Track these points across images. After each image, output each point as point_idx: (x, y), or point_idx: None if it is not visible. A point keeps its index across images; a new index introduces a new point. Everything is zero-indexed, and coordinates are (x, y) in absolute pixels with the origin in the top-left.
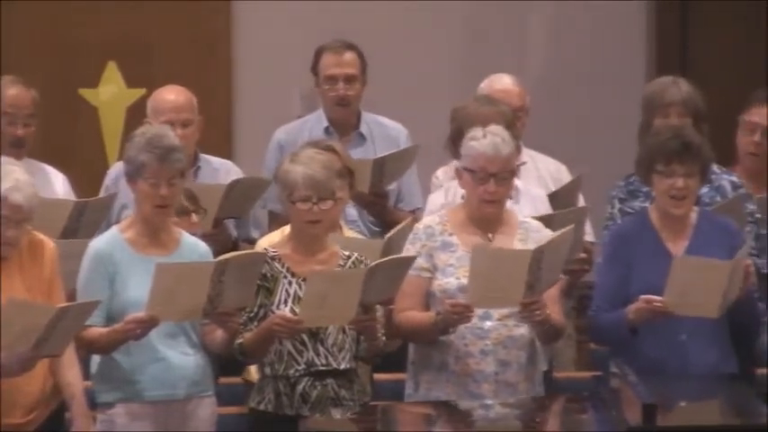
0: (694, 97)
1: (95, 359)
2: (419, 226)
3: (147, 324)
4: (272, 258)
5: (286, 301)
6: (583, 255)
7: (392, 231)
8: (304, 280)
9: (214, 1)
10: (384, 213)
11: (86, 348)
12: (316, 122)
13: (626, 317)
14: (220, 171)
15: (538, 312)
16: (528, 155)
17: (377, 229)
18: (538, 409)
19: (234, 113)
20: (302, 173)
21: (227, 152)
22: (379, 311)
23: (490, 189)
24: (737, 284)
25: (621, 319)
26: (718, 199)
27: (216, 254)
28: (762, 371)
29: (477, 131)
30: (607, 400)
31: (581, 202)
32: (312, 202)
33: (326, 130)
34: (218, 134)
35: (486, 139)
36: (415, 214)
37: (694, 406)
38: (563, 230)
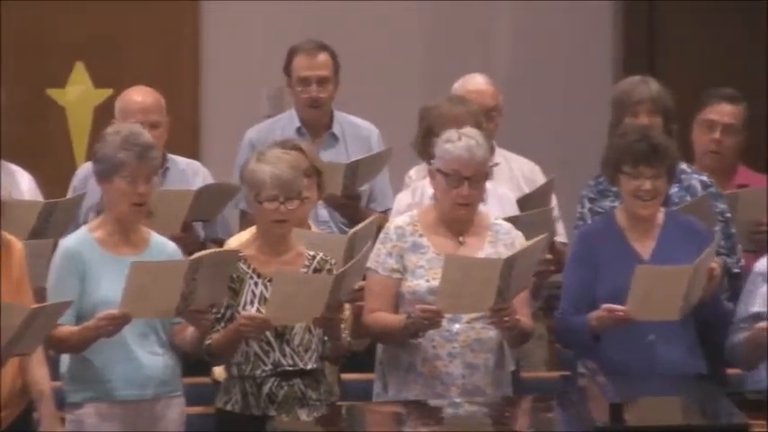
0: (663, 96)
1: (65, 359)
2: (390, 226)
3: (120, 321)
4: (239, 258)
5: (252, 302)
6: (549, 255)
7: (357, 227)
8: (270, 281)
9: (182, 1)
10: (356, 215)
11: (56, 347)
12: (288, 122)
13: (589, 323)
14: (188, 171)
15: (507, 318)
16: (501, 155)
17: (347, 229)
18: (506, 408)
19: (201, 113)
20: (269, 172)
21: (194, 152)
22: (347, 312)
23: (464, 192)
24: (700, 286)
25: (584, 325)
26: (688, 198)
27: (184, 255)
28: (731, 371)
29: (452, 134)
30: (574, 399)
31: (554, 205)
32: (279, 201)
33: (299, 130)
34: (185, 134)
35: (461, 142)
36: (386, 215)
37: (661, 406)
38: (537, 239)
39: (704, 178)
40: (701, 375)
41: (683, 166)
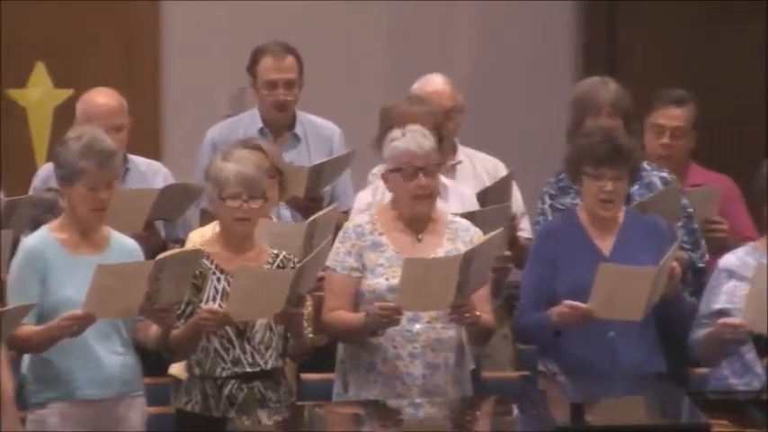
0: (623, 98)
1: (26, 359)
2: (349, 225)
3: (84, 321)
4: (202, 255)
5: (214, 298)
6: (507, 252)
7: (316, 215)
8: (233, 277)
9: (142, 1)
10: None
11: (18, 347)
12: (250, 122)
13: (550, 319)
14: (148, 172)
15: (467, 315)
16: (464, 153)
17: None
18: (466, 409)
19: (161, 114)
20: (234, 170)
21: (154, 153)
22: (308, 308)
23: (422, 183)
24: (662, 286)
25: (545, 320)
26: (649, 195)
27: (146, 254)
28: (693, 369)
29: (395, 132)
30: (535, 399)
31: (516, 198)
32: (242, 199)
33: (261, 130)
34: (145, 134)
35: (406, 137)
36: (348, 216)
37: (622, 405)
38: (493, 233)
39: (665, 174)
40: (660, 374)
41: (643, 163)
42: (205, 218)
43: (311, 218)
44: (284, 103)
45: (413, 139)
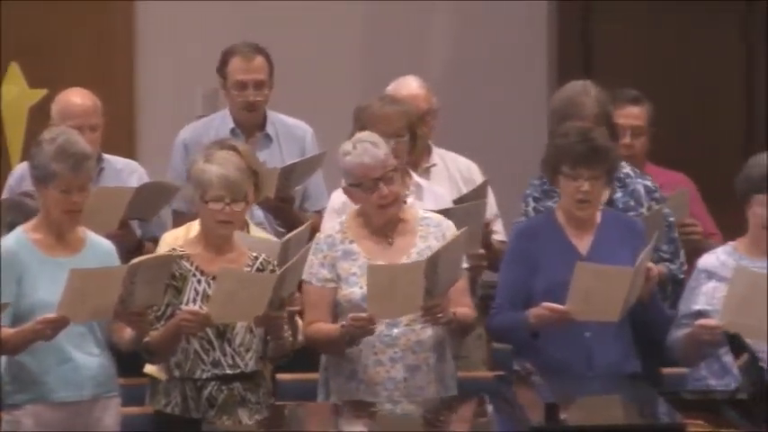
0: (605, 104)
1: (3, 360)
2: (320, 236)
3: (58, 324)
4: (181, 257)
5: (195, 300)
6: (481, 251)
7: (291, 234)
8: (213, 279)
9: (116, 1)
10: (289, 217)
11: None
12: (222, 123)
13: (527, 320)
14: (124, 171)
15: (440, 315)
16: (438, 155)
17: (282, 230)
18: (441, 409)
19: (136, 114)
20: (217, 173)
21: (129, 152)
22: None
23: (383, 193)
24: (638, 287)
25: (522, 321)
26: (632, 203)
27: (121, 253)
28: (667, 370)
29: (346, 146)
30: (510, 399)
31: (489, 201)
32: (225, 202)
33: (233, 131)
34: (121, 134)
35: (357, 149)
36: (321, 215)
37: (597, 405)
38: (458, 232)
39: (648, 183)
40: (635, 375)
41: (628, 169)
42: (177, 219)
43: (286, 237)
44: (254, 103)
45: (364, 151)
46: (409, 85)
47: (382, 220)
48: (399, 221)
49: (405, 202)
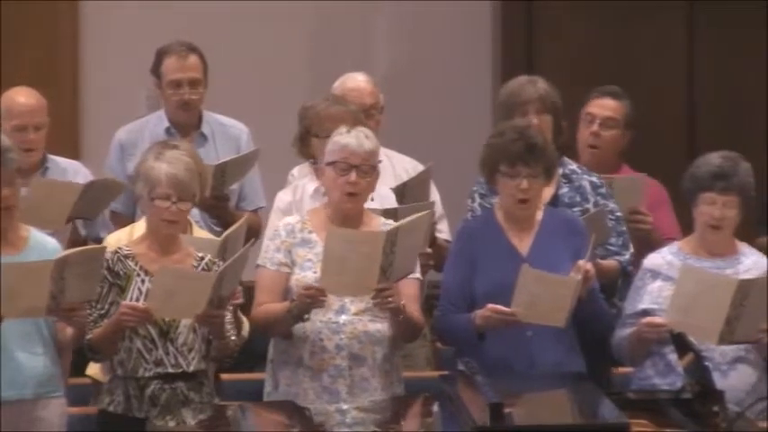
0: (551, 94)
1: None
2: (279, 224)
3: None
4: (126, 257)
5: (138, 300)
6: (428, 250)
7: (230, 229)
8: (153, 275)
9: (61, 1)
10: (225, 215)
11: None
12: (157, 122)
13: (473, 322)
14: (68, 172)
15: (391, 299)
16: (383, 153)
17: (218, 229)
18: (387, 409)
19: (80, 114)
20: (166, 171)
21: (74, 152)
22: (228, 314)
23: (351, 179)
24: (579, 290)
25: (469, 323)
26: (578, 199)
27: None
28: (615, 370)
29: (342, 128)
30: (454, 399)
31: (435, 200)
32: (172, 201)
33: (168, 130)
34: (65, 134)
35: (350, 134)
36: (257, 214)
37: (541, 405)
38: (419, 214)
39: (594, 179)
40: (580, 374)
41: (574, 166)
42: (115, 220)
43: (225, 234)
44: (189, 102)
45: (356, 137)
46: (355, 79)
47: (343, 212)
48: (361, 223)
49: (372, 199)
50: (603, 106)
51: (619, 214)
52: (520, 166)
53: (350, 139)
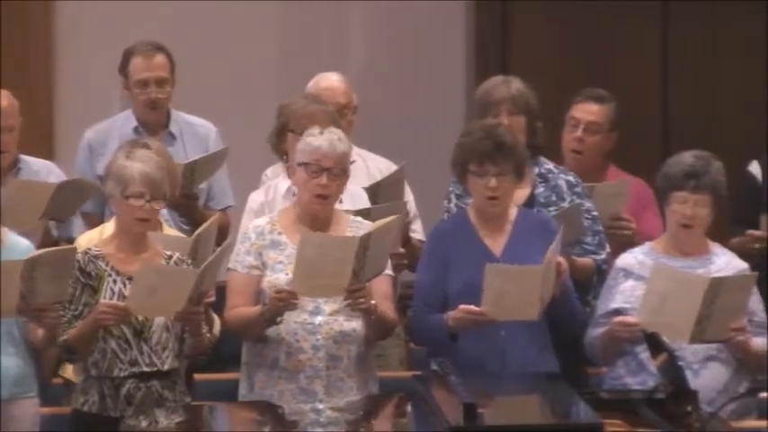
0: (525, 95)
1: None
2: (249, 226)
3: None
4: (96, 257)
5: (111, 300)
6: (401, 250)
7: (200, 228)
8: (129, 279)
9: (34, 1)
10: (194, 214)
11: None
12: (125, 122)
13: (446, 323)
14: (41, 172)
15: (362, 300)
16: (357, 153)
17: (187, 228)
18: (361, 409)
19: (54, 115)
20: (139, 170)
21: (47, 153)
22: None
23: (322, 182)
24: (551, 283)
25: (441, 324)
26: (554, 198)
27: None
28: (590, 369)
29: (314, 129)
30: (427, 399)
31: (409, 200)
32: (145, 199)
33: (136, 129)
34: (38, 135)
35: (322, 136)
36: (225, 213)
37: (515, 405)
38: (390, 218)
39: (570, 178)
40: (553, 374)
41: (550, 165)
42: (85, 220)
43: (197, 232)
44: (156, 101)
45: (328, 139)
46: (329, 79)
47: (312, 213)
48: (331, 223)
49: (341, 201)
50: (587, 111)
51: (595, 213)
52: (488, 164)
53: (322, 141)
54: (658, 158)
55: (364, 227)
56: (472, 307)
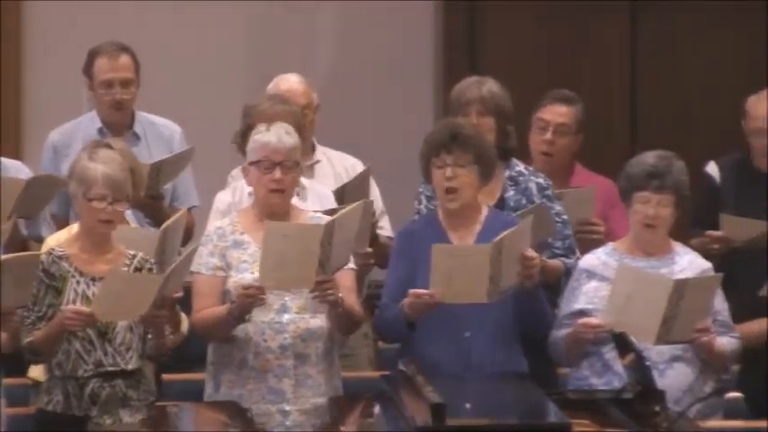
0: (496, 97)
1: None
2: (210, 228)
3: None
4: (60, 258)
5: (75, 301)
6: (369, 249)
7: (168, 222)
8: (93, 279)
9: (5, 1)
10: (160, 214)
11: None
12: (89, 123)
13: (402, 311)
14: (10, 172)
15: (330, 292)
16: (322, 152)
17: (153, 228)
18: (327, 410)
19: (23, 115)
20: (102, 171)
21: (15, 153)
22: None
23: (276, 176)
24: (512, 271)
25: (399, 313)
26: (524, 202)
27: (6, 251)
28: (559, 370)
29: (260, 126)
30: (395, 400)
31: (375, 197)
32: (108, 201)
33: (100, 130)
34: (6, 135)
35: (270, 132)
36: (190, 213)
37: (483, 405)
38: (354, 205)
39: (541, 180)
40: (521, 374)
41: (521, 167)
42: (54, 222)
43: (164, 225)
44: (121, 101)
45: (275, 133)
46: (288, 80)
47: (270, 208)
48: (290, 218)
49: (297, 195)
50: (555, 113)
51: (565, 217)
52: (444, 154)
53: (270, 137)
54: (627, 158)
55: (324, 220)
56: (421, 290)
